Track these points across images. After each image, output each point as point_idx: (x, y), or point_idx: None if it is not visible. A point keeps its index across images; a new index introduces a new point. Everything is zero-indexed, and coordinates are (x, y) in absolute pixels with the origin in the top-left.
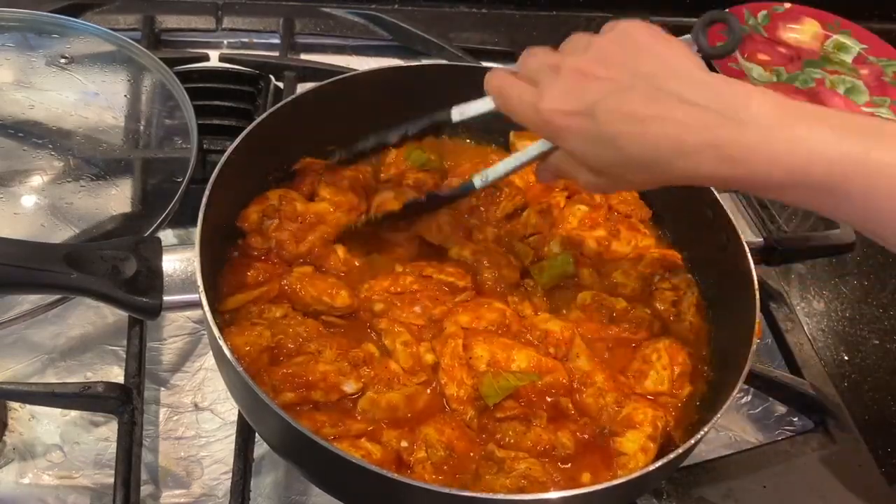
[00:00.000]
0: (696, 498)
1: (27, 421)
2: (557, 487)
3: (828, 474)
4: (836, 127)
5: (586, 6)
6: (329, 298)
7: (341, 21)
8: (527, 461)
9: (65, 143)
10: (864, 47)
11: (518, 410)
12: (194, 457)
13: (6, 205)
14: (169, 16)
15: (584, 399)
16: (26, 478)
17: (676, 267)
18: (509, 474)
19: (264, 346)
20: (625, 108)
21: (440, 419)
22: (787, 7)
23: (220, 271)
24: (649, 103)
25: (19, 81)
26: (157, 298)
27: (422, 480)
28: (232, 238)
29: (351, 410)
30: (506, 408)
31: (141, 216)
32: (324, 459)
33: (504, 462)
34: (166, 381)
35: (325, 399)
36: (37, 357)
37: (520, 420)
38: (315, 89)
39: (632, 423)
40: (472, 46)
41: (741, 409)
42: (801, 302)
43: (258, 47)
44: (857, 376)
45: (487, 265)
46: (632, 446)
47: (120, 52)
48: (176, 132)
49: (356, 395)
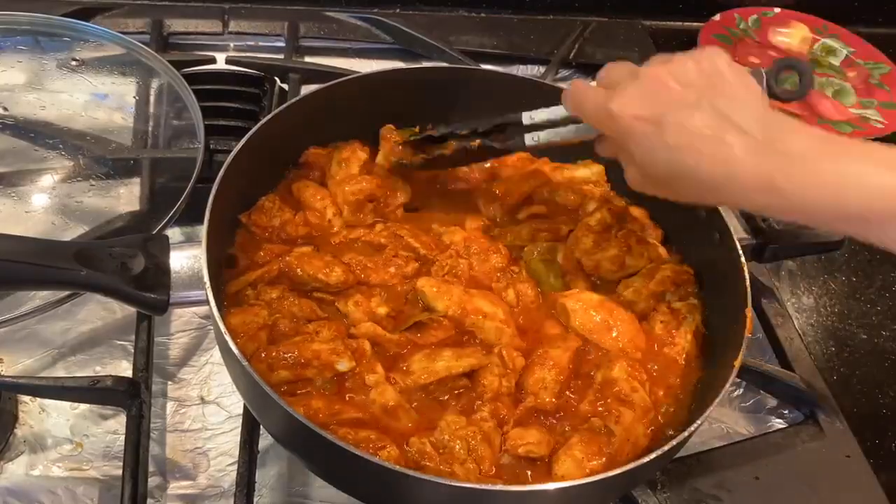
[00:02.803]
0: (690, 488)
1: (37, 414)
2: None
3: (818, 465)
4: (880, 161)
5: (582, 10)
6: (324, 276)
7: (344, 25)
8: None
9: (75, 144)
10: (852, 51)
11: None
12: (201, 449)
13: (18, 203)
14: (177, 19)
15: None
16: (36, 470)
17: (687, 285)
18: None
19: (261, 324)
20: (689, 123)
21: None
22: (777, 12)
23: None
24: (713, 125)
25: (31, 83)
26: (164, 294)
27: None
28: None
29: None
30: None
31: (149, 214)
32: (325, 450)
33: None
34: (173, 375)
35: (318, 377)
36: (47, 352)
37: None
38: (319, 91)
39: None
40: (471, 49)
41: (733, 402)
42: (792, 297)
43: (264, 50)
44: (846, 369)
45: (475, 252)
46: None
47: (129, 55)
48: (183, 133)
49: (348, 373)
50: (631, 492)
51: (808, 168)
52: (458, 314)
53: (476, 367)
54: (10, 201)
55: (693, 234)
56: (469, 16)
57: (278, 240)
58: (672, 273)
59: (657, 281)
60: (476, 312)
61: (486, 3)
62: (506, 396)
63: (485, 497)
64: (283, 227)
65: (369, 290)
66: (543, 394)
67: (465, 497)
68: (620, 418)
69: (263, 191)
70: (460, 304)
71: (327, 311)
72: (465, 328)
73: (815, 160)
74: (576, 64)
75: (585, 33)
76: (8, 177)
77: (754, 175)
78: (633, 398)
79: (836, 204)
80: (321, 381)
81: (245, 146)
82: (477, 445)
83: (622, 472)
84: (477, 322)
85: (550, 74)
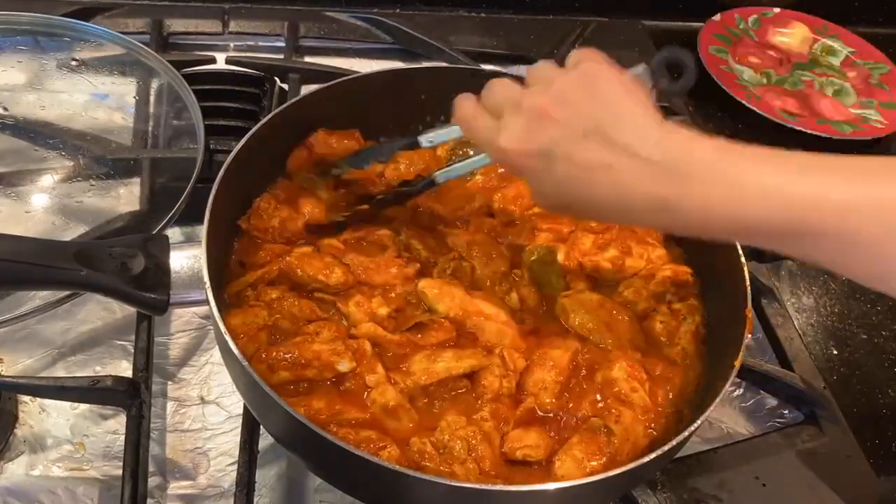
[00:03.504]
0: (690, 488)
1: (37, 414)
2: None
3: (817, 465)
4: (778, 167)
5: (582, 10)
6: (324, 277)
7: (344, 25)
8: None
9: (75, 144)
10: (852, 51)
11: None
12: (201, 449)
13: (18, 203)
14: (177, 19)
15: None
16: (36, 470)
17: (687, 285)
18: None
19: (261, 324)
20: (577, 155)
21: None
22: (777, 12)
23: (225, 264)
24: (600, 152)
25: (31, 83)
26: (164, 294)
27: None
28: (237, 233)
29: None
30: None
31: (149, 214)
32: (325, 450)
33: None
34: (173, 375)
35: (318, 377)
36: (47, 352)
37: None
38: (319, 91)
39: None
40: (471, 49)
41: (733, 402)
42: (792, 297)
43: (263, 50)
44: (846, 370)
45: (477, 255)
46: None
47: (129, 55)
48: (183, 133)
49: (349, 374)
50: (631, 492)
51: (701, 186)
52: (460, 316)
53: (477, 367)
54: (10, 201)
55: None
56: (469, 16)
57: (280, 239)
58: (672, 273)
59: (657, 281)
60: (478, 314)
61: (486, 3)
62: (506, 397)
63: (485, 497)
64: (283, 225)
65: (370, 290)
66: (543, 394)
67: (466, 497)
68: (620, 418)
69: (263, 191)
70: (462, 305)
71: (327, 312)
72: (467, 330)
73: (709, 176)
74: None
75: (585, 33)
76: (8, 177)
77: (647, 198)
78: (632, 398)
79: (736, 221)
80: (321, 381)
81: (245, 146)
82: (477, 445)
83: (622, 472)
84: (478, 324)
85: None
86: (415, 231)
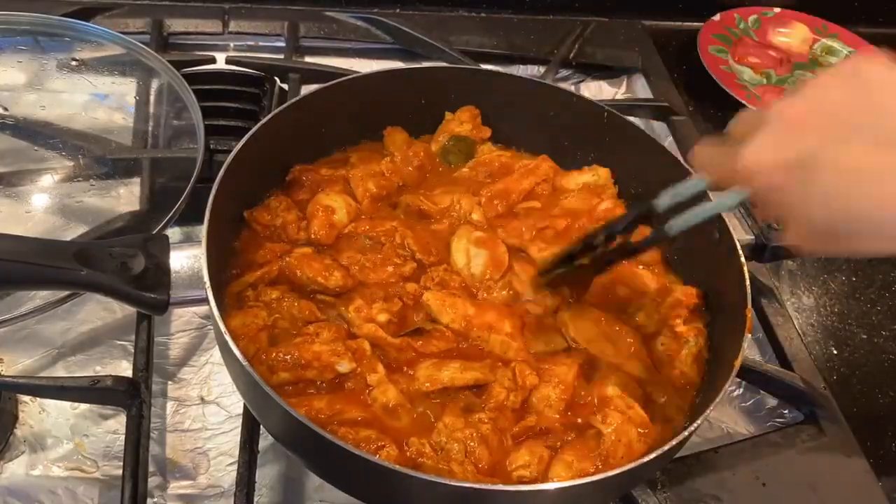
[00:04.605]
0: (690, 488)
1: (37, 414)
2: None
3: (817, 465)
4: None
5: (582, 10)
6: (323, 279)
7: (344, 25)
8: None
9: (75, 144)
10: (852, 50)
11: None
12: (201, 449)
13: (18, 203)
14: (177, 19)
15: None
16: (37, 469)
17: (696, 308)
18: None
19: (261, 325)
20: (845, 159)
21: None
22: (777, 12)
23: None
24: (874, 155)
25: (31, 83)
26: (164, 294)
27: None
28: (237, 233)
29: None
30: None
31: (149, 214)
32: (325, 450)
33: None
34: (173, 375)
35: (319, 378)
36: (47, 351)
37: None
38: (319, 91)
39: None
40: (471, 49)
41: (733, 402)
42: (792, 297)
43: (264, 50)
44: (846, 369)
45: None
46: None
47: (129, 55)
48: (183, 133)
49: (349, 374)
50: (631, 492)
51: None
52: (463, 327)
53: (481, 381)
54: (10, 201)
55: (692, 234)
56: (469, 16)
57: (279, 239)
58: (683, 296)
59: (668, 305)
60: (482, 326)
61: (486, 3)
62: (510, 410)
63: (484, 497)
64: (283, 227)
65: (370, 294)
66: (548, 412)
67: (465, 497)
68: (607, 419)
69: (263, 190)
70: (465, 317)
71: (327, 314)
72: (471, 340)
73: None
74: (576, 64)
75: (585, 33)
76: (8, 177)
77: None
78: (628, 414)
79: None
80: (322, 381)
81: (245, 146)
82: (475, 447)
83: (622, 471)
84: (482, 335)
85: (550, 74)
86: (410, 230)
